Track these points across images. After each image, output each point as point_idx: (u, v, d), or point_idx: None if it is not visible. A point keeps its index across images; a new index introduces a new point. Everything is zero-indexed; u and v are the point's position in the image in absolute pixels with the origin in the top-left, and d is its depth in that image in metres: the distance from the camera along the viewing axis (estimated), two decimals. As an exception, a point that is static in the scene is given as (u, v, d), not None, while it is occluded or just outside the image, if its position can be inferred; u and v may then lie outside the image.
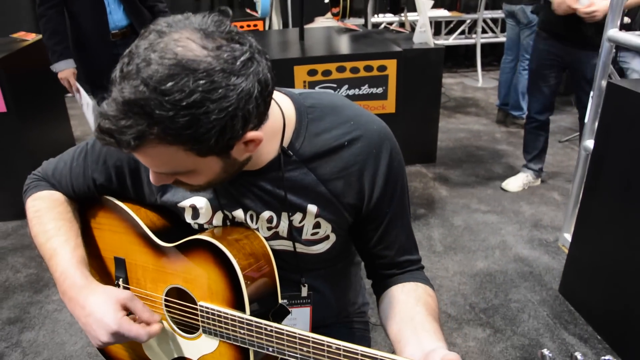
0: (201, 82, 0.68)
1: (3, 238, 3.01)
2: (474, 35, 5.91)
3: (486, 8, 5.71)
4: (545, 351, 0.70)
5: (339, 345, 0.83)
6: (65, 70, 2.80)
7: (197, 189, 0.88)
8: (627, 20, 3.53)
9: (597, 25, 2.59)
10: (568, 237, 2.54)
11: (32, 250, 2.84)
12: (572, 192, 2.58)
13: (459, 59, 6.67)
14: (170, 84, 0.67)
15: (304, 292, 1.07)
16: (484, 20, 5.87)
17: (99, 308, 0.92)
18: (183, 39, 0.70)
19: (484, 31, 5.95)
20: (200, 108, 0.69)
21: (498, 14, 5.96)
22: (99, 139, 0.73)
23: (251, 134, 0.77)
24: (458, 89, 5.69)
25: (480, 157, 3.88)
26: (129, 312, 0.95)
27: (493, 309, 2.27)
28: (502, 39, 5.99)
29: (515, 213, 3.05)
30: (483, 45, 5.96)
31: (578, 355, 0.68)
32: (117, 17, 2.81)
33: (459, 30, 5.95)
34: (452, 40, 5.93)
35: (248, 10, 5.09)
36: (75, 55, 2.83)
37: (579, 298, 2.26)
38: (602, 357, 0.68)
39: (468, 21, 5.92)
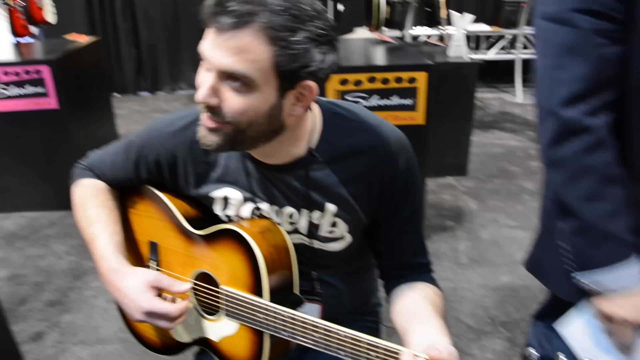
0: (309, 13, 0.84)
1: (49, 226, 3.19)
2: (514, 51, 5.89)
3: (527, 24, 5.69)
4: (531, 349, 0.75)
5: (347, 332, 0.90)
6: None
7: (218, 127, 0.90)
8: None
9: None
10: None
11: (74, 239, 3.01)
12: (600, 211, 2.57)
13: (499, 73, 6.65)
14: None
15: (316, 288, 1.13)
16: (525, 36, 5.85)
17: (131, 290, 1.01)
18: None
19: (525, 47, 5.93)
20: (301, 23, 0.83)
21: (540, 30, 5.92)
22: (206, 9, 0.83)
23: (311, 82, 0.89)
24: (496, 104, 5.68)
25: (512, 173, 3.88)
26: (159, 290, 1.04)
27: (513, 323, 2.29)
28: (543, 55, 5.95)
29: (543, 229, 3.05)
30: (524, 61, 5.93)
31: None
32: None
33: (499, 45, 5.94)
34: (492, 54, 5.93)
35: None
36: None
37: (601, 316, 2.26)
38: None
39: (509, 36, 5.91)
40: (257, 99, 0.86)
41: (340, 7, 4.37)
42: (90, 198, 1.15)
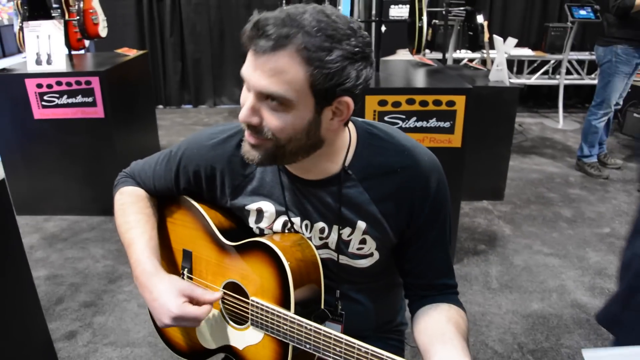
0: (342, 31, 0.87)
1: (89, 230, 3.31)
2: (557, 76, 5.81)
3: (572, 49, 5.61)
4: None
5: (368, 348, 0.92)
6: None
7: (260, 143, 0.95)
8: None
9: None
10: (632, 288, 2.46)
11: (112, 243, 3.11)
12: (639, 243, 2.50)
13: (541, 98, 6.56)
14: (325, 19, 0.86)
15: (339, 309, 1.15)
16: (570, 62, 5.76)
17: (163, 295, 1.05)
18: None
19: (569, 72, 5.84)
20: (337, 42, 0.86)
21: (585, 55, 5.84)
22: (246, 32, 0.88)
23: (346, 98, 0.92)
24: (537, 129, 5.59)
25: (550, 199, 3.81)
26: (190, 299, 1.08)
27: (542, 352, 2.24)
28: (587, 81, 5.86)
29: (579, 259, 2.98)
30: (567, 87, 5.83)
31: None
32: None
33: (542, 70, 5.87)
34: (535, 79, 5.86)
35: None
36: None
37: (636, 352, 2.19)
38: None
39: (552, 61, 5.83)
40: (294, 116, 0.91)
41: (383, 28, 4.42)
42: (131, 205, 1.20)
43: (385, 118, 2.51)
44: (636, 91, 5.15)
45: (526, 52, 5.83)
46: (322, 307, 1.10)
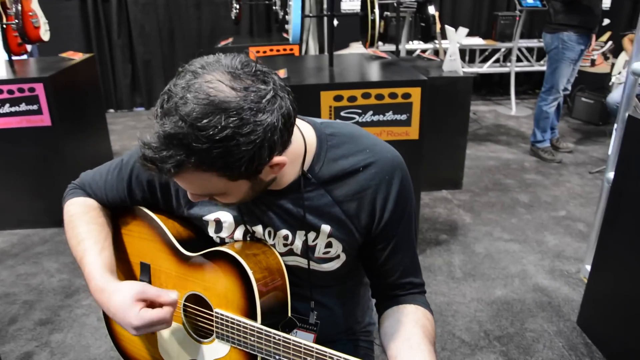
0: (232, 119, 0.77)
1: (41, 244, 3.17)
2: (508, 64, 5.94)
3: (522, 37, 5.73)
4: None
5: (340, 356, 0.89)
6: None
7: (228, 205, 0.99)
8: None
9: None
10: (590, 268, 2.53)
11: (66, 256, 2.98)
12: (594, 224, 2.58)
13: (494, 86, 6.69)
14: (205, 121, 0.76)
15: (312, 318, 1.12)
16: (519, 49, 5.89)
17: (119, 309, 0.99)
18: (215, 81, 0.78)
19: (519, 60, 5.97)
20: (232, 141, 0.78)
21: (534, 43, 5.98)
22: (142, 165, 0.82)
23: (276, 159, 0.86)
24: (491, 116, 5.70)
25: (507, 185, 3.89)
26: (146, 302, 1.00)
27: (508, 337, 2.27)
28: (537, 67, 6.01)
29: (538, 243, 3.05)
30: (518, 74, 5.97)
31: None
32: None
33: (494, 58, 5.98)
34: (487, 68, 5.97)
35: (285, 35, 5.24)
36: None
37: (596, 330, 2.25)
38: None
39: (503, 49, 5.95)
40: (232, 194, 0.91)
41: (335, 22, 4.40)
42: (81, 215, 1.14)
43: (342, 113, 2.49)
44: (583, 76, 5.32)
45: (477, 41, 5.93)
46: (290, 315, 1.07)
